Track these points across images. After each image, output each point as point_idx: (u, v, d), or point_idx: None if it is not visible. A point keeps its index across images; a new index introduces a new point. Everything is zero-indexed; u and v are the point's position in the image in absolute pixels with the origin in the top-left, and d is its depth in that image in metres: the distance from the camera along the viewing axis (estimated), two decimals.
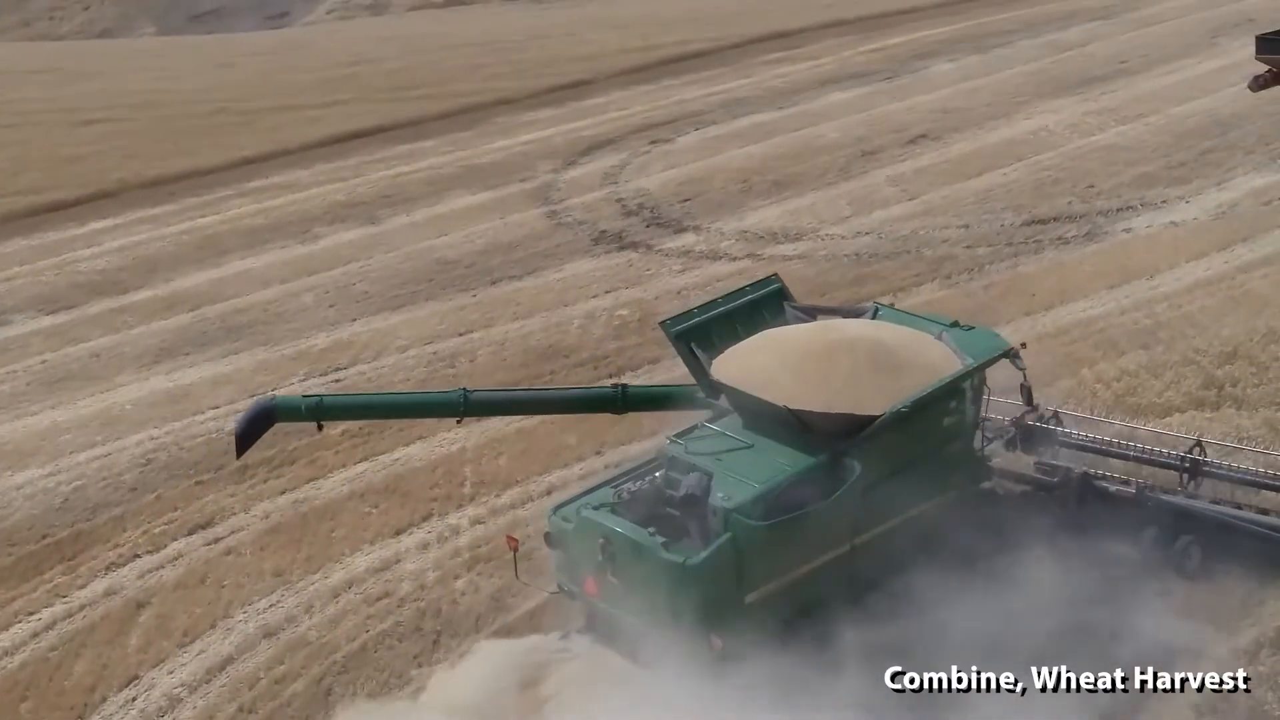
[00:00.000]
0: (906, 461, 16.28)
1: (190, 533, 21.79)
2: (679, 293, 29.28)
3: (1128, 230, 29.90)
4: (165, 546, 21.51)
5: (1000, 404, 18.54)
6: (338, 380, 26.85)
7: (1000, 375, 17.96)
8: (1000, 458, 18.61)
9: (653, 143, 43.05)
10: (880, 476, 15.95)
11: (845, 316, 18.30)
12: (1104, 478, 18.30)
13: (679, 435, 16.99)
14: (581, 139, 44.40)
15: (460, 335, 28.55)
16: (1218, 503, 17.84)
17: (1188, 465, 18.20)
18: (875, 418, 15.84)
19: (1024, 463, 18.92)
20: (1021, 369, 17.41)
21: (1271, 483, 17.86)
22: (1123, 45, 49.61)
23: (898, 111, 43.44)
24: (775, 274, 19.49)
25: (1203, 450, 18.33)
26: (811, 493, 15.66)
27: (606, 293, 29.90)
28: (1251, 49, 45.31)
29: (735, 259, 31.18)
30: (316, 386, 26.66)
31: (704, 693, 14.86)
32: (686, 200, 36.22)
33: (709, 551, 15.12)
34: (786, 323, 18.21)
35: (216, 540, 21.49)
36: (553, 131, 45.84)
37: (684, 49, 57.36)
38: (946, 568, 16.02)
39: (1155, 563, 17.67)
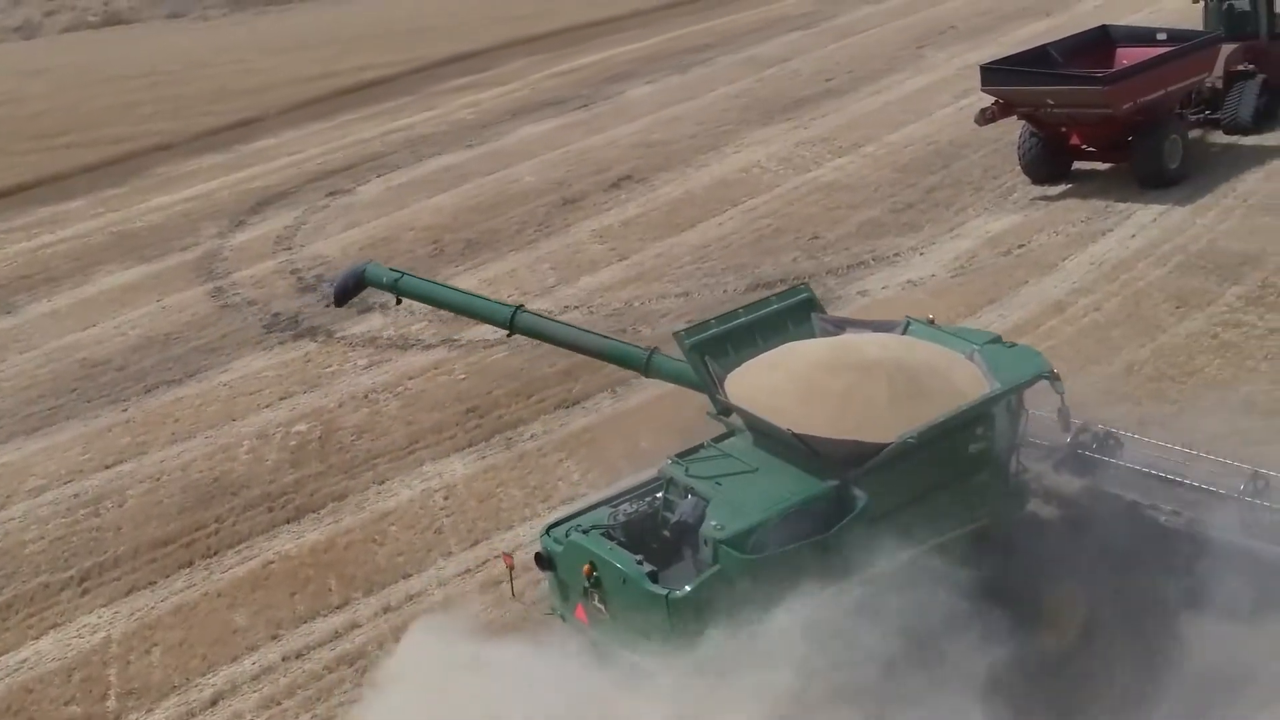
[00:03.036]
0: (924, 491, 14.78)
1: None
2: (366, 397, 25.33)
3: (863, 294, 26.91)
4: None
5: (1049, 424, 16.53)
6: None
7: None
8: (1048, 481, 16.72)
9: (331, 194, 38.88)
10: (892, 507, 14.45)
11: (875, 331, 16.75)
12: (1153, 507, 16.26)
13: (681, 455, 15.47)
14: (251, 192, 39.99)
15: (108, 468, 24.02)
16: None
17: (1244, 499, 16.14)
18: (884, 446, 14.30)
19: (1073, 487, 16.72)
20: (1060, 392, 15.72)
21: None
22: (826, 60, 47.28)
23: (597, 147, 40.13)
24: (805, 283, 18.08)
25: (1264, 483, 16.24)
26: (814, 523, 14.20)
27: (281, 400, 25.71)
28: (959, 61, 43.76)
29: (429, 347, 27.32)
30: None
31: None
32: None
33: (694, 585, 13.85)
34: (812, 335, 16.56)
35: None
36: (217, 184, 41.32)
37: (362, 76, 53.24)
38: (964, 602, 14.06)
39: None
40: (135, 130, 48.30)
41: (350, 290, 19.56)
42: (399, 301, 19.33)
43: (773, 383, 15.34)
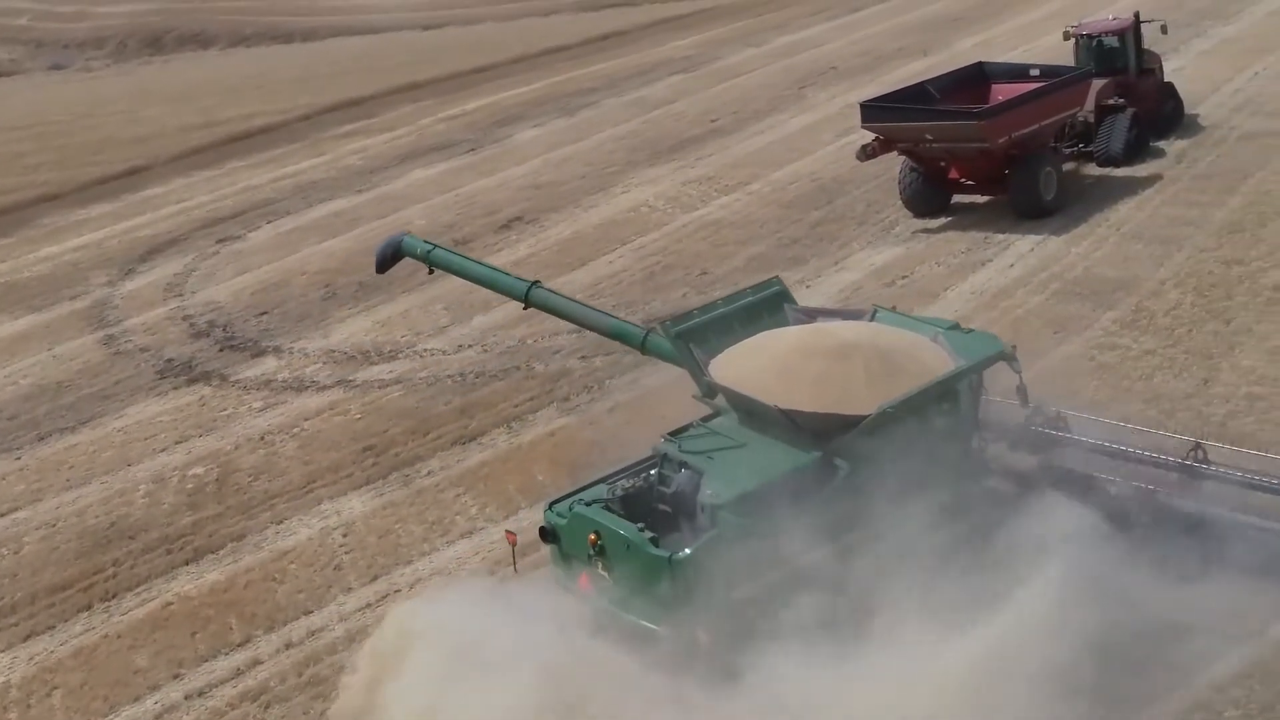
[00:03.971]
0: (898, 462, 15.71)
1: None
2: (262, 438, 25.39)
3: None
4: None
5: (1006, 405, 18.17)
6: None
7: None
8: (1004, 458, 18.34)
9: (221, 241, 38.88)
10: (871, 477, 15.65)
11: (844, 319, 18.42)
12: (1106, 477, 17.73)
13: (673, 434, 16.96)
14: (140, 240, 39.90)
15: (2, 516, 23.94)
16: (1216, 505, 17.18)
17: (1185, 467, 17.62)
18: (864, 417, 15.82)
19: (1028, 463, 18.15)
20: (1018, 371, 17.43)
21: (1268, 486, 17.08)
22: (711, 101, 48.01)
23: (487, 189, 40.48)
24: (777, 276, 19.54)
25: (1202, 452, 17.66)
26: (802, 491, 15.50)
27: (177, 444, 25.72)
28: (840, 100, 44.62)
29: (324, 388, 27.41)
30: None
31: (693, 689, 14.77)
32: (264, 313, 32.23)
33: (695, 547, 15.29)
34: (786, 324, 18.12)
35: None
36: (106, 233, 41.17)
37: (249, 124, 53.19)
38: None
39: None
40: (22, 181, 47.93)
41: (389, 260, 21.58)
42: (431, 271, 21.27)
43: (756, 365, 16.75)
